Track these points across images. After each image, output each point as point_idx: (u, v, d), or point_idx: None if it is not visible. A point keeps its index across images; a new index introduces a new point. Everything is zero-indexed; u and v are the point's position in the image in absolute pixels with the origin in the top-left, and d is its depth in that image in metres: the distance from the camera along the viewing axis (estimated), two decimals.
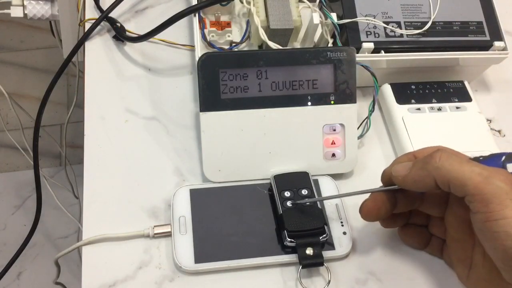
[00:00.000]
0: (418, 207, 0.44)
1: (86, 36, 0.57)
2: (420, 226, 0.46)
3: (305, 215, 0.44)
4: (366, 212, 0.43)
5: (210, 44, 0.55)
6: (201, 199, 0.46)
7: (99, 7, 0.59)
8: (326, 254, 0.44)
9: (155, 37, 0.55)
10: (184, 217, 0.45)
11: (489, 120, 0.57)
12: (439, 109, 0.54)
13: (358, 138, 0.51)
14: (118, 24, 0.57)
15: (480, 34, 0.55)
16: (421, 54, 0.53)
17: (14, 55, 1.52)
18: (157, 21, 0.53)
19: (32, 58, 1.51)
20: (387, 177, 0.43)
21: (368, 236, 0.47)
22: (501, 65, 0.56)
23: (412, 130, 0.52)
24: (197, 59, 0.48)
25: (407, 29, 0.53)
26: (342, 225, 0.46)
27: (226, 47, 0.56)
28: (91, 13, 0.59)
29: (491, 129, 0.55)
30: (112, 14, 0.57)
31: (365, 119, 0.52)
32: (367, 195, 0.44)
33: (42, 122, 0.58)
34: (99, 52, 0.57)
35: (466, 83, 0.56)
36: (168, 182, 0.49)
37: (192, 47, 0.58)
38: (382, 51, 0.53)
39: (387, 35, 0.53)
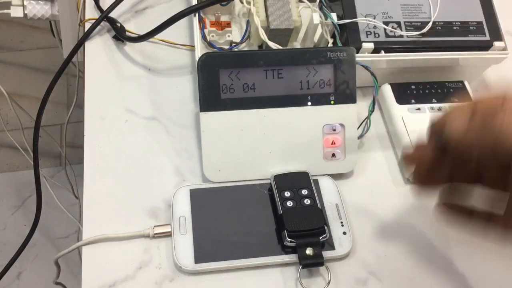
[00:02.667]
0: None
1: (86, 36, 0.57)
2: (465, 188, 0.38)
3: (305, 215, 0.44)
4: (405, 162, 0.39)
5: (210, 44, 0.55)
6: (201, 199, 0.46)
7: (99, 7, 0.59)
8: (326, 254, 0.44)
9: (155, 37, 0.55)
10: (184, 217, 0.45)
11: None
12: (439, 109, 0.54)
13: (358, 138, 0.51)
14: (118, 24, 0.57)
15: (480, 34, 0.55)
16: (421, 54, 0.53)
17: (14, 55, 1.52)
18: (157, 21, 0.53)
19: (32, 58, 1.51)
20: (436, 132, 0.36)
21: (368, 236, 0.47)
22: (501, 65, 0.56)
23: (412, 130, 0.52)
24: (197, 59, 0.48)
25: (407, 29, 0.53)
26: (342, 225, 0.46)
27: (226, 47, 0.56)
28: (91, 13, 0.59)
29: None
30: (112, 14, 0.57)
31: (365, 119, 0.52)
32: None
33: (42, 122, 0.58)
34: (99, 52, 0.57)
35: (466, 83, 0.56)
36: (168, 182, 0.49)
37: (192, 47, 0.58)
38: (382, 51, 0.53)
39: (387, 35, 0.53)
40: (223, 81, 0.47)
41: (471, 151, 0.33)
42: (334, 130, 0.49)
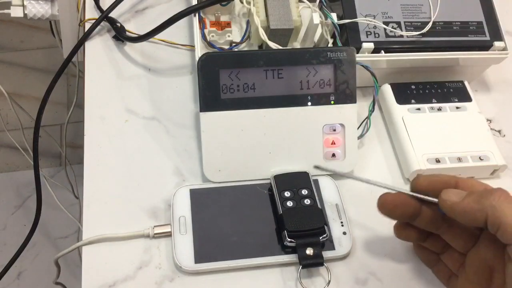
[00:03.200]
0: (442, 233, 0.41)
1: (86, 36, 0.57)
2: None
3: (305, 215, 0.44)
4: (382, 201, 0.40)
5: (210, 44, 0.55)
6: (201, 199, 0.46)
7: (99, 7, 0.59)
8: (326, 254, 0.44)
9: (155, 37, 0.55)
10: (184, 217, 0.45)
11: (489, 120, 0.57)
12: (439, 109, 0.54)
13: (358, 138, 0.51)
14: (118, 24, 0.57)
15: (480, 34, 0.55)
16: (421, 54, 0.53)
17: (14, 55, 1.52)
18: (157, 21, 0.53)
19: (32, 58, 1.51)
20: (421, 186, 0.40)
21: (368, 236, 0.47)
22: (501, 65, 0.56)
23: (412, 130, 0.52)
24: (197, 59, 0.48)
25: (407, 29, 0.53)
26: (342, 225, 0.46)
27: (226, 47, 0.56)
28: (91, 13, 0.59)
29: (491, 129, 0.55)
30: (112, 14, 0.57)
31: (365, 119, 0.52)
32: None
33: (42, 122, 0.58)
34: (99, 52, 0.57)
35: (466, 83, 0.56)
36: (168, 182, 0.49)
37: (192, 47, 0.58)
38: (382, 51, 0.53)
39: (387, 35, 0.53)
40: (223, 81, 0.47)
41: (464, 216, 0.36)
42: (334, 130, 0.49)
